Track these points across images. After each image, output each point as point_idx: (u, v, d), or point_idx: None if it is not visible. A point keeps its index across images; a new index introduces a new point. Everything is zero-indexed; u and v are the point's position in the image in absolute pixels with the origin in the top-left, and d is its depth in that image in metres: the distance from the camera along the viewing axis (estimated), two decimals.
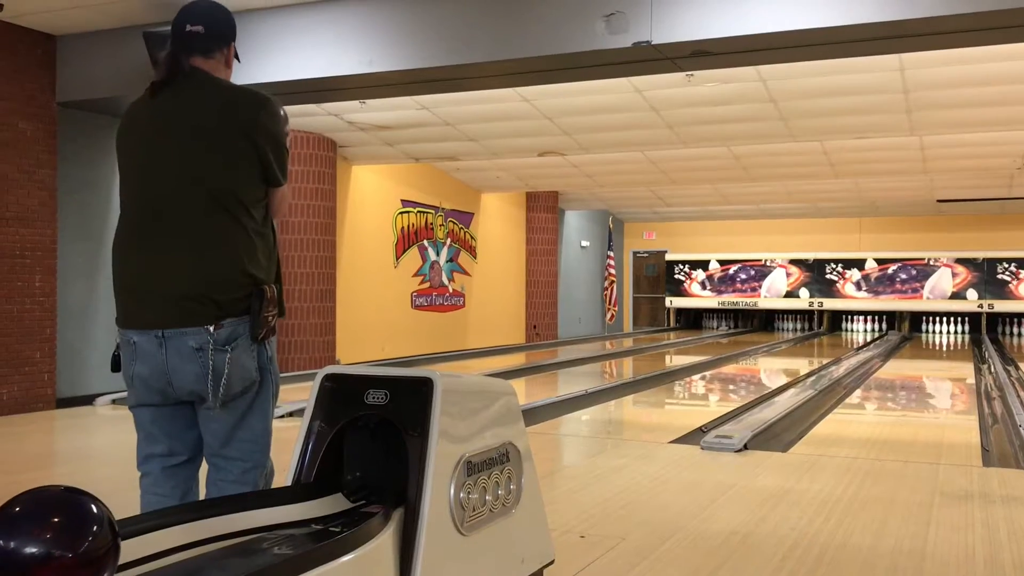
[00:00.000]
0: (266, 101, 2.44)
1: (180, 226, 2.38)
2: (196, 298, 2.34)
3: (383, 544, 1.87)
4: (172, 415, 2.47)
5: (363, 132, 10.34)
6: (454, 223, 14.31)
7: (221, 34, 2.53)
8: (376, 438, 2.22)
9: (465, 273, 14.62)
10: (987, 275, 18.21)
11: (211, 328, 2.34)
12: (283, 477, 2.25)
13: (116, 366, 2.53)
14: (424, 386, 2.08)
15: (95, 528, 1.25)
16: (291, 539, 1.92)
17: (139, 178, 2.47)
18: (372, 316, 12.12)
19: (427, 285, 13.54)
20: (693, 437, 5.90)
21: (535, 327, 16.29)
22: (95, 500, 1.30)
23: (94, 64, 7.36)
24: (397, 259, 12.79)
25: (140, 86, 2.61)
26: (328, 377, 2.20)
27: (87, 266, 7.99)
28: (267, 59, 6.62)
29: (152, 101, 2.48)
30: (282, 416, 6.73)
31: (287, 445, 2.30)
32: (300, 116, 9.75)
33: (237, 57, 2.62)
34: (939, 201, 16.26)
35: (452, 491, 2.04)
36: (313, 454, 2.16)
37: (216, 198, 2.36)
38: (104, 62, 7.28)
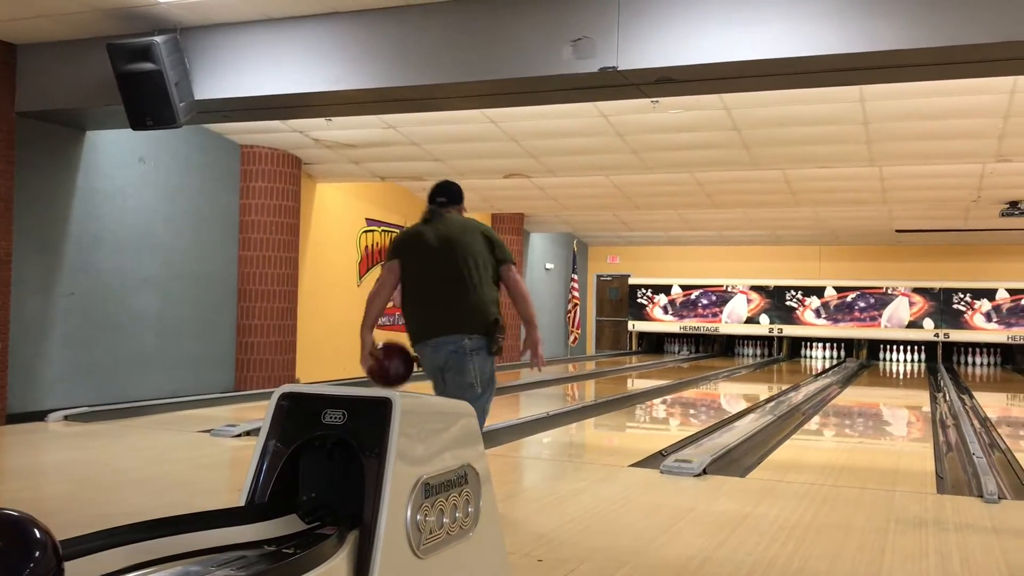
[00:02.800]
0: (487, 226, 4.43)
1: (449, 285, 4.24)
2: (459, 322, 4.21)
3: (337, 566, 1.85)
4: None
5: (329, 150, 10.30)
6: None
7: (456, 200, 4.52)
8: (333, 459, 2.20)
9: None
10: (943, 305, 18.52)
11: (465, 339, 4.20)
12: (236, 497, 2.22)
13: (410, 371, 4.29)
14: (383, 406, 2.06)
15: (37, 554, 1.21)
16: (243, 560, 1.89)
17: (425, 262, 4.31)
18: (333, 335, 12.02)
19: (390, 305, 13.46)
20: (653, 461, 5.91)
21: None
22: (37, 524, 1.26)
23: (55, 74, 7.26)
24: (360, 278, 12.73)
25: (102, 98, 2.62)
26: (284, 396, 2.17)
27: (42, 279, 7.85)
28: (232, 74, 6.58)
29: (426, 226, 4.40)
30: (239, 435, 6.64)
31: (243, 464, 2.27)
32: (264, 132, 9.70)
33: (464, 208, 4.58)
34: (898, 231, 16.53)
35: (409, 513, 2.02)
36: (268, 474, 2.13)
37: (471, 270, 4.24)
38: (66, 73, 7.19)
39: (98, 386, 8.35)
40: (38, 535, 1.23)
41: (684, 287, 20.32)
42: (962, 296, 18.44)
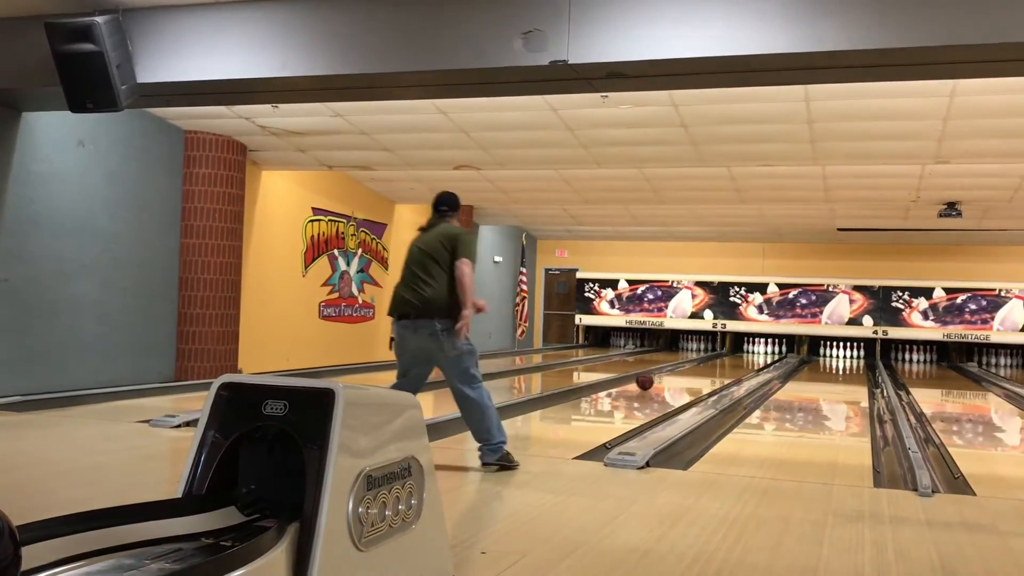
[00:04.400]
0: (462, 232, 5.35)
1: (424, 275, 5.20)
2: (427, 306, 5.12)
3: (275, 559, 1.82)
4: (417, 361, 5.32)
5: (275, 137, 10.16)
6: (366, 233, 14.17)
7: (454, 210, 5.52)
8: (273, 450, 2.16)
9: (376, 284, 14.49)
10: (882, 302, 18.92)
11: (436, 321, 5.11)
12: (174, 489, 2.17)
13: (392, 346, 5.40)
14: (325, 398, 2.03)
15: None
16: (179, 553, 1.85)
17: (411, 255, 5.32)
18: (278, 325, 11.89)
19: (336, 295, 13.36)
20: (597, 454, 5.94)
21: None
22: None
23: None
24: (306, 268, 12.59)
25: (40, 78, 2.55)
26: (224, 386, 2.13)
27: None
28: (176, 58, 6.44)
29: (426, 230, 5.40)
30: (178, 426, 6.53)
31: (182, 456, 2.22)
32: (209, 118, 9.53)
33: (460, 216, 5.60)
34: (839, 230, 16.84)
35: (350, 506, 2.00)
36: (206, 465, 2.09)
37: (437, 263, 5.18)
38: (3, 52, 6.97)
39: (33, 375, 8.15)
40: None
41: (631, 282, 20.48)
42: (900, 294, 18.86)
